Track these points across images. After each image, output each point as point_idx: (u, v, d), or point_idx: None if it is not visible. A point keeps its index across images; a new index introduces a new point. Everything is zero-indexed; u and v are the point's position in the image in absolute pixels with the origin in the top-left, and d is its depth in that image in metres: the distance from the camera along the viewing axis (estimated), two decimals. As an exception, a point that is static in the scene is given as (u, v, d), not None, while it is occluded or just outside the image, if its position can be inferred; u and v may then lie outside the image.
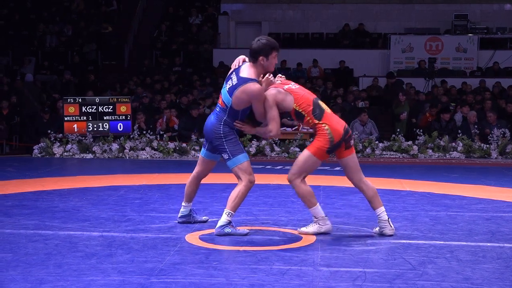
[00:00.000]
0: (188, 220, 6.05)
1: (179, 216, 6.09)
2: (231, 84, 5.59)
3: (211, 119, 5.70)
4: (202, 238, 5.53)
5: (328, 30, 20.76)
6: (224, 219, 5.58)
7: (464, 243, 5.46)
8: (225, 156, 5.62)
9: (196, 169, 5.97)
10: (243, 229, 5.71)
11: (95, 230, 5.78)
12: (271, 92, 5.60)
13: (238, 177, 5.62)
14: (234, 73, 5.64)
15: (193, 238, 5.53)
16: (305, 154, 5.62)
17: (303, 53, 19.33)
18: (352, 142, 5.68)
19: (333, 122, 5.59)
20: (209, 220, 6.16)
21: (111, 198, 7.59)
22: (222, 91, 5.69)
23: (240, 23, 21.36)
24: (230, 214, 5.58)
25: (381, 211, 5.70)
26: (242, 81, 5.51)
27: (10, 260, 4.78)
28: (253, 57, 5.63)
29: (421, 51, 19.21)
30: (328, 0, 21.22)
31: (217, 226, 5.61)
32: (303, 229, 5.72)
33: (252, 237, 5.59)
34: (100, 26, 20.27)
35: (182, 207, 6.08)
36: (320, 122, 5.56)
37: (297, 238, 5.58)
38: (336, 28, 20.66)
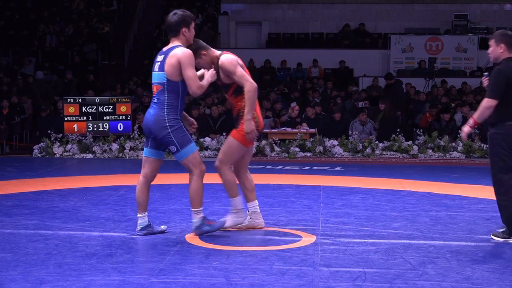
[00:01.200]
0: (150, 231, 5.61)
1: (138, 229, 5.59)
2: (159, 63, 5.46)
3: (151, 112, 5.43)
4: (202, 238, 5.53)
5: (328, 30, 20.77)
6: (196, 219, 5.52)
7: (464, 243, 5.46)
8: (173, 148, 5.38)
9: (142, 172, 5.65)
10: (220, 220, 5.70)
11: (95, 230, 5.79)
12: (232, 56, 5.64)
13: (189, 169, 5.45)
14: (157, 56, 5.55)
15: (193, 238, 5.53)
16: (232, 141, 5.64)
17: (303, 53, 19.33)
18: None
19: (259, 112, 5.70)
20: (166, 229, 5.77)
21: (111, 198, 7.59)
22: (152, 78, 5.51)
23: (240, 23, 21.37)
24: (198, 211, 5.50)
25: (256, 204, 5.87)
26: (169, 50, 5.43)
27: (10, 260, 4.79)
28: (175, 30, 5.52)
29: (421, 51, 19.21)
30: (328, 0, 21.21)
31: (193, 228, 5.54)
32: (226, 221, 5.73)
33: (252, 237, 5.60)
34: (97, 27, 20.25)
35: (139, 218, 5.59)
36: None
37: (297, 238, 5.58)
38: (336, 28, 20.66)
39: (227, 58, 5.59)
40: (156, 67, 5.49)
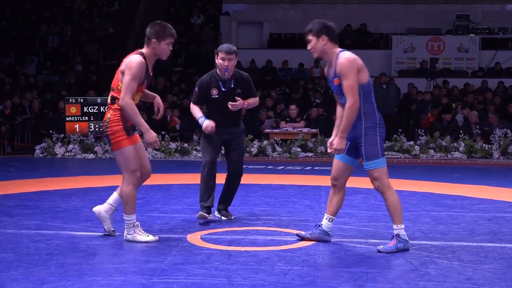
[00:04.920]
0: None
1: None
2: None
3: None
4: (203, 239, 5.53)
5: (330, 30, 20.72)
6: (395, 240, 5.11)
7: (466, 243, 5.46)
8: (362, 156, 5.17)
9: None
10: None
11: (97, 230, 5.78)
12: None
13: (372, 183, 5.19)
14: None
15: (194, 238, 5.54)
16: (121, 153, 5.38)
17: (305, 54, 19.09)
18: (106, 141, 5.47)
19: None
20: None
21: (113, 198, 7.58)
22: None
23: (242, 23, 21.35)
24: (400, 229, 5.14)
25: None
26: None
27: (12, 260, 4.79)
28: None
29: (423, 51, 19.20)
30: (330, 0, 21.19)
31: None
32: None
33: (253, 238, 5.60)
34: (103, 29, 20.24)
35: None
36: None
37: (299, 239, 5.57)
38: (338, 28, 20.48)
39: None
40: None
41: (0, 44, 19.32)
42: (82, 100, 13.15)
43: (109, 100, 5.47)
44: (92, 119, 13.01)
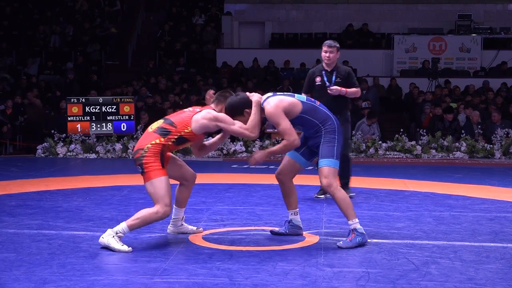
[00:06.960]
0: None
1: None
2: None
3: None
4: (205, 238, 5.53)
5: (331, 30, 20.74)
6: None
7: (468, 243, 5.46)
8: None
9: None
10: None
11: (99, 230, 5.78)
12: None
13: (320, 180, 5.39)
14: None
15: (196, 238, 5.54)
16: (151, 183, 5.14)
17: (307, 53, 19.31)
18: (139, 168, 5.16)
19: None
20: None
21: (115, 198, 7.60)
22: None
23: (244, 23, 21.36)
24: (355, 223, 5.28)
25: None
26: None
27: (14, 259, 4.79)
28: None
29: (425, 51, 19.19)
30: (331, 0, 21.20)
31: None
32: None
33: (255, 237, 5.60)
34: (105, 29, 20.26)
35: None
36: None
37: (301, 238, 5.58)
38: (340, 28, 20.64)
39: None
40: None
41: (2, 44, 19.33)
42: (84, 100, 13.17)
43: (157, 129, 5.21)
44: (93, 119, 13.02)
